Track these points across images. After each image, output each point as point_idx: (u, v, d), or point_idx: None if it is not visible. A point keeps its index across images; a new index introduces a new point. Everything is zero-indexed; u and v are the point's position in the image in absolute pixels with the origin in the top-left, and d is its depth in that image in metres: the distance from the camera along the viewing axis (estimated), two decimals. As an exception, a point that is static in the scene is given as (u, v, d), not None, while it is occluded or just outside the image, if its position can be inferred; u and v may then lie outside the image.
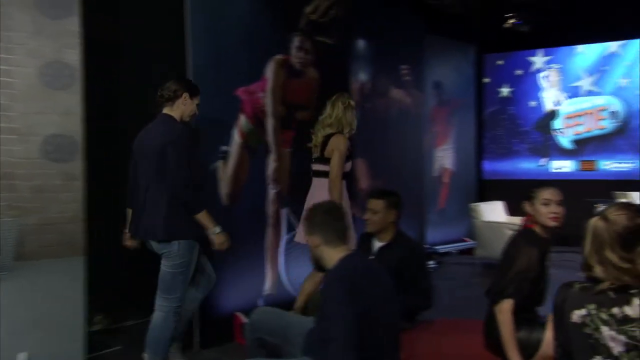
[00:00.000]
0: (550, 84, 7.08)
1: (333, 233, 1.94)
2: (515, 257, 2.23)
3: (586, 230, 1.54)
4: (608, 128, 6.86)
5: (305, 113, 3.98)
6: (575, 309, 1.50)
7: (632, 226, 1.50)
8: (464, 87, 6.91)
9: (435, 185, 6.43)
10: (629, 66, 6.75)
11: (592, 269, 1.53)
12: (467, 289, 4.92)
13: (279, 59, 3.80)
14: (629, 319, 1.42)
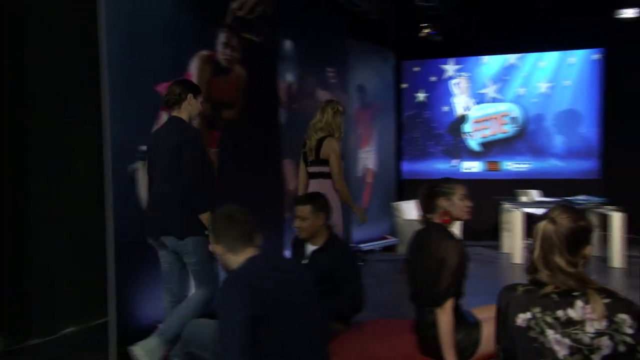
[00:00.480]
0: (460, 90, 7.36)
1: (235, 239, 1.76)
2: (444, 256, 2.13)
3: (534, 233, 1.46)
4: (510, 132, 7.26)
5: (232, 112, 3.71)
6: (520, 313, 1.43)
7: (576, 228, 1.43)
8: (385, 91, 6.97)
9: (359, 185, 6.40)
10: (526, 77, 7.19)
11: (538, 272, 1.45)
12: (392, 285, 4.91)
13: (204, 55, 3.49)
14: (572, 321, 1.36)
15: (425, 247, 2.22)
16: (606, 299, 1.37)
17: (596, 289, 1.39)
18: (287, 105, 4.58)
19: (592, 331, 1.34)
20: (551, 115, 7.13)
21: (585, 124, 7.05)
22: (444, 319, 2.08)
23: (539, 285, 1.44)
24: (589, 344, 1.34)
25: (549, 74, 7.12)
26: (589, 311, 1.35)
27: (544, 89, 7.13)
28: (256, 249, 1.79)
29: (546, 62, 7.13)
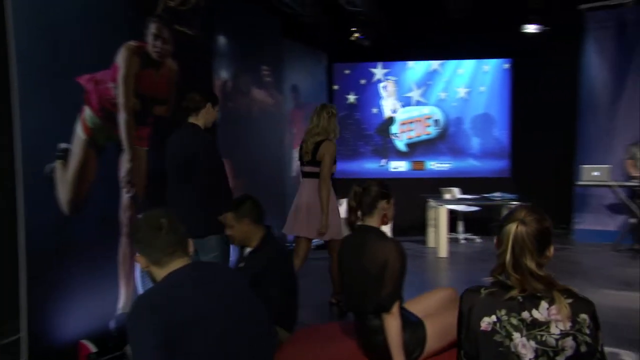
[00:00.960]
0: (388, 93, 7.44)
1: (160, 250, 1.47)
2: (386, 258, 2.00)
3: (505, 236, 1.37)
4: (432, 134, 7.45)
5: (163, 107, 3.37)
6: (485, 316, 1.35)
7: (543, 229, 1.37)
8: (318, 92, 6.83)
9: (294, 185, 6.22)
10: (447, 82, 7.43)
11: (506, 275, 1.36)
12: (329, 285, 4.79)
13: (132, 46, 3.11)
14: (537, 322, 1.31)
15: (365, 251, 2.06)
16: (569, 299, 1.32)
17: (560, 290, 1.33)
18: (222, 103, 4.31)
19: (557, 332, 1.29)
20: (469, 119, 7.43)
21: (498, 127, 7.43)
22: (393, 324, 1.95)
23: (503, 288, 1.36)
24: (554, 345, 1.29)
25: (467, 80, 7.40)
26: (554, 312, 1.30)
27: (463, 94, 7.41)
28: (185, 260, 1.50)
29: (464, 69, 7.41)
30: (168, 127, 3.14)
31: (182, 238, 1.51)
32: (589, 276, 4.80)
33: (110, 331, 2.79)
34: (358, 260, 2.07)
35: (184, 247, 1.52)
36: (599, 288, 4.32)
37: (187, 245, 1.54)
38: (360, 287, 2.06)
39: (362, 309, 2.06)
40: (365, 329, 2.06)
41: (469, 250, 6.22)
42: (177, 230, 1.51)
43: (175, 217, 1.55)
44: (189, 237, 1.55)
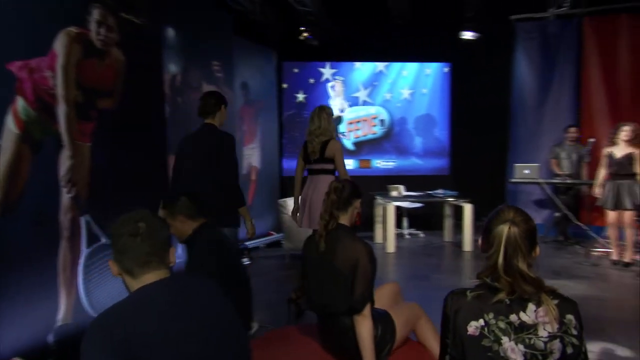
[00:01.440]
0: (336, 93, 7.38)
1: (134, 260, 1.25)
2: (357, 257, 1.91)
3: (496, 237, 1.28)
4: (378, 133, 7.51)
5: (108, 100, 3.04)
6: (472, 320, 1.26)
7: (531, 229, 1.30)
8: (268, 90, 6.62)
9: (245, 182, 5.99)
10: (392, 83, 7.51)
11: (493, 277, 1.28)
12: (282, 283, 4.64)
13: (73, 32, 2.76)
14: (525, 326, 1.24)
15: (337, 249, 1.95)
16: (555, 300, 1.26)
17: (547, 291, 1.27)
18: (172, 98, 3.99)
19: (545, 335, 1.23)
20: (412, 119, 7.56)
21: (439, 127, 7.62)
22: (365, 325, 1.86)
23: (490, 290, 1.27)
24: (543, 348, 1.23)
25: (410, 82, 7.52)
26: (542, 314, 1.24)
27: (406, 95, 7.53)
28: (161, 273, 1.27)
29: (408, 72, 7.52)
30: (114, 122, 2.83)
31: (161, 247, 1.28)
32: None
33: (49, 345, 2.45)
34: (330, 259, 1.95)
35: (161, 258, 1.28)
36: (536, 278, 4.52)
37: (166, 255, 1.29)
38: (332, 286, 1.94)
39: (332, 309, 1.94)
40: (335, 329, 1.95)
41: (414, 245, 6.32)
42: (157, 237, 1.27)
43: (158, 221, 1.32)
44: (169, 246, 1.32)
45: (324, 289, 1.97)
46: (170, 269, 1.32)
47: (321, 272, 1.99)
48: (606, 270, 4.85)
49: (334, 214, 2.00)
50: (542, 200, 6.79)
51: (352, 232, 2.04)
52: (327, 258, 1.96)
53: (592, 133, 6.30)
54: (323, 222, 1.99)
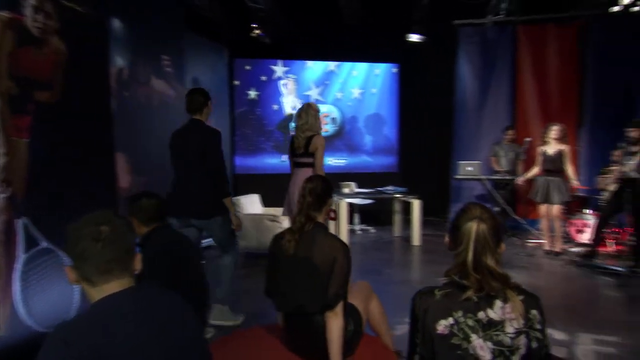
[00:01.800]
0: (288, 91, 7.28)
1: (94, 266, 1.11)
2: (335, 256, 1.84)
3: (465, 235, 1.27)
4: (330, 131, 7.51)
5: (47, 93, 2.76)
6: (441, 319, 1.25)
7: (498, 225, 1.30)
8: (219, 86, 6.38)
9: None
10: (343, 82, 7.53)
11: (461, 275, 1.26)
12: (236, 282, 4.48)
13: (5, 18, 2.48)
14: (493, 322, 1.23)
15: (315, 248, 1.87)
16: (520, 295, 1.26)
17: (512, 287, 1.27)
18: (118, 92, 3.72)
19: (512, 331, 1.23)
20: (362, 118, 7.62)
21: (388, 126, 7.74)
22: (337, 322, 1.80)
23: (459, 288, 1.27)
24: (510, 344, 1.22)
25: (361, 82, 7.58)
26: (508, 310, 1.23)
27: (357, 94, 7.58)
28: (124, 282, 1.14)
29: (358, 72, 7.58)
30: (55, 116, 2.58)
31: (125, 253, 1.15)
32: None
33: (-19, 361, 2.20)
34: (307, 258, 1.86)
35: (125, 265, 1.15)
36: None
37: (130, 262, 1.16)
38: (308, 285, 1.85)
39: (308, 308, 1.85)
40: (309, 329, 1.86)
41: (365, 240, 6.38)
42: (121, 242, 1.14)
43: (124, 224, 1.17)
44: (134, 253, 1.18)
45: (300, 288, 1.87)
46: (135, 277, 1.19)
47: (296, 271, 1.88)
48: (540, 259, 5.13)
49: (310, 216, 1.92)
50: (483, 196, 7.09)
51: (327, 230, 1.97)
52: (304, 257, 1.86)
53: (527, 133, 6.66)
54: (298, 225, 1.90)
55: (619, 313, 3.55)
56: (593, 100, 6.68)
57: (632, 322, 3.28)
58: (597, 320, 3.29)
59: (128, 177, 3.81)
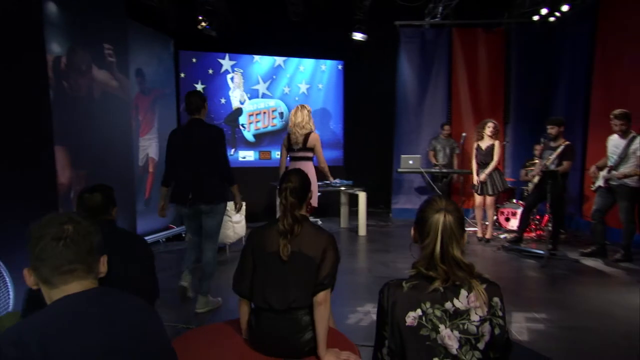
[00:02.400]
0: (235, 85, 7.11)
1: (55, 267, 1.03)
2: (326, 249, 1.79)
3: (432, 227, 1.26)
4: (278, 125, 7.44)
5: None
6: (410, 311, 1.23)
7: (462, 217, 1.31)
8: (165, 78, 6.06)
9: (142, 175, 5.46)
10: (290, 78, 7.48)
11: (428, 266, 1.25)
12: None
13: None
14: (459, 312, 1.23)
15: (304, 242, 1.79)
16: (483, 284, 1.26)
17: (476, 276, 1.27)
18: (56, 82, 3.42)
19: (477, 319, 1.22)
20: (309, 113, 7.63)
21: (334, 121, 7.81)
22: (325, 310, 1.74)
23: (426, 279, 1.25)
24: (475, 332, 1.22)
25: (307, 77, 7.57)
26: (473, 299, 1.23)
27: (304, 89, 7.56)
28: (87, 283, 1.06)
29: (305, 67, 7.55)
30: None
31: (88, 254, 1.06)
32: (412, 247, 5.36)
33: None
34: (298, 253, 1.77)
35: (89, 266, 1.06)
36: (422, 256, 4.89)
37: (95, 263, 1.08)
38: (298, 281, 1.77)
39: (297, 304, 1.76)
40: (289, 324, 1.76)
41: (313, 232, 6.41)
42: (84, 243, 1.05)
43: (90, 225, 1.07)
44: (100, 254, 1.10)
45: (289, 283, 1.77)
46: (100, 280, 1.10)
47: (288, 269, 1.78)
48: (474, 246, 5.45)
49: (296, 216, 1.80)
50: (423, 187, 7.40)
51: (311, 223, 1.87)
52: (294, 255, 1.77)
53: (461, 129, 7.03)
54: (288, 227, 1.77)
55: (543, 291, 3.87)
56: (516, 99, 7.19)
57: (555, 299, 3.59)
58: (526, 299, 3.56)
59: (68, 172, 3.53)
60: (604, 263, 4.53)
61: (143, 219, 5.18)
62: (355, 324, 3.03)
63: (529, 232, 5.68)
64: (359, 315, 3.16)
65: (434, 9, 7.09)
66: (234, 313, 2.13)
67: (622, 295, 3.61)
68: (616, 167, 4.41)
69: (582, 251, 4.81)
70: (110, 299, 1.09)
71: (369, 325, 3.00)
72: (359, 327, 2.96)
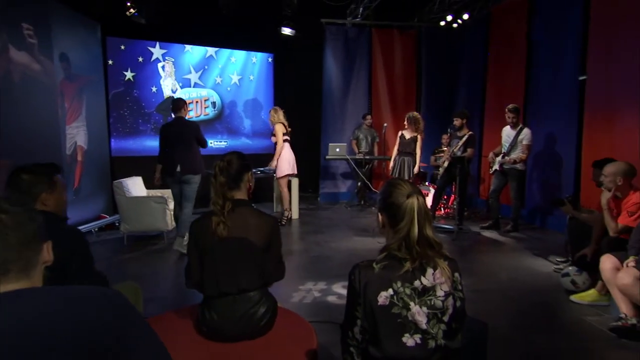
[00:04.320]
0: (167, 73, 6.65)
1: None
2: (272, 232, 1.76)
3: (406, 211, 1.22)
4: (210, 114, 7.16)
5: None
6: (382, 291, 1.20)
7: (424, 197, 1.30)
8: (91, 65, 5.48)
9: (71, 164, 4.92)
10: (222, 68, 7.20)
11: (407, 248, 1.21)
12: (124, 267, 4.06)
13: None
14: (426, 289, 1.21)
15: (249, 226, 1.70)
16: (445, 261, 1.26)
17: (441, 255, 1.27)
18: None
19: (442, 295, 1.22)
20: (241, 103, 7.43)
21: (264, 111, 7.70)
22: None
23: (396, 260, 1.23)
24: (441, 307, 1.22)
25: (239, 69, 7.35)
26: (438, 276, 1.23)
27: (236, 80, 7.34)
28: (24, 283, 0.84)
29: (236, 59, 7.32)
30: None
31: (27, 245, 0.85)
32: (341, 228, 5.54)
33: None
34: (243, 237, 1.69)
35: (24, 264, 0.84)
36: (352, 236, 5.07)
37: (33, 256, 0.86)
38: (247, 264, 1.70)
39: (247, 286, 1.69)
40: (246, 302, 1.69)
41: (249, 216, 6.33)
42: (23, 233, 0.84)
43: (30, 211, 0.87)
44: (38, 243, 0.88)
45: (238, 269, 1.69)
46: (44, 275, 0.90)
47: (234, 253, 1.70)
48: (394, 223, 5.78)
49: (227, 196, 1.72)
50: (347, 173, 7.65)
51: (252, 207, 1.79)
52: (239, 238, 1.69)
53: (381, 119, 7.36)
54: (218, 207, 1.70)
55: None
56: (426, 94, 7.70)
57: (466, 267, 3.96)
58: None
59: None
60: (499, 234, 5.10)
61: (73, 209, 4.71)
62: (300, 302, 3.09)
63: (439, 211, 6.17)
64: (302, 294, 3.23)
65: (355, 9, 7.26)
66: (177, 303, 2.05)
67: (514, 260, 4.12)
68: (508, 153, 4.97)
69: (482, 225, 5.36)
70: (36, 302, 0.79)
71: (312, 302, 3.08)
72: (304, 305, 3.03)
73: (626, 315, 2.55)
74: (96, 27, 5.58)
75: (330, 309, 2.94)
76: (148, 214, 4.54)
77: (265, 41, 7.33)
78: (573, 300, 3.05)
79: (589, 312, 2.91)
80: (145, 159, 6.42)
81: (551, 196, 5.11)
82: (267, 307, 1.74)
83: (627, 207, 2.93)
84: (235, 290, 1.69)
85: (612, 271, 2.65)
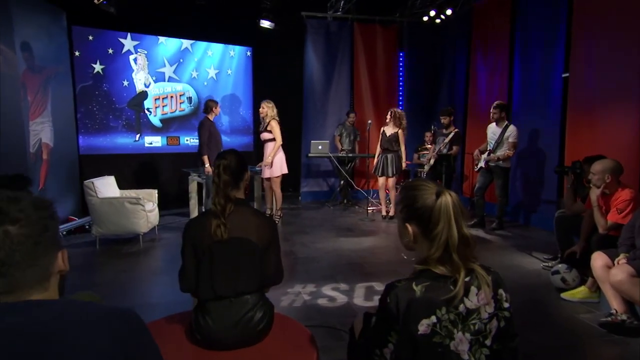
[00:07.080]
0: (139, 66, 6.41)
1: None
2: (271, 234, 1.71)
3: (441, 211, 1.08)
4: (186, 110, 6.96)
5: None
6: (424, 319, 1.05)
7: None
8: (56, 55, 5.18)
9: (35, 162, 4.65)
10: (198, 62, 7.01)
11: (447, 258, 1.07)
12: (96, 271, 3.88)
13: None
14: (470, 312, 1.08)
15: (249, 228, 1.65)
16: (488, 275, 1.12)
17: (477, 264, 1.12)
18: None
19: (486, 317, 1.10)
20: (219, 98, 7.23)
21: (243, 107, 7.56)
22: None
23: (436, 279, 1.07)
24: (484, 330, 1.09)
25: (216, 62, 7.17)
26: (482, 297, 1.09)
27: (213, 74, 7.16)
28: (40, 294, 0.80)
29: (213, 52, 7.14)
30: None
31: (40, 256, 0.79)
32: (325, 228, 5.48)
33: None
34: (243, 238, 1.63)
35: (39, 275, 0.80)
36: (338, 236, 5.02)
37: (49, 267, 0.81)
38: (247, 265, 1.64)
39: (245, 289, 1.63)
40: (242, 306, 1.64)
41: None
42: (35, 243, 0.78)
43: (45, 219, 0.79)
44: (58, 249, 0.84)
45: (237, 270, 1.63)
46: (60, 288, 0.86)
47: (234, 254, 1.64)
48: (379, 223, 5.78)
49: (229, 196, 1.65)
50: (329, 171, 7.60)
51: (251, 207, 1.75)
52: (240, 239, 1.63)
53: (363, 116, 7.35)
54: (220, 207, 1.63)
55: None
56: (408, 91, 7.75)
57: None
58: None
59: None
60: (484, 232, 5.18)
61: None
62: (290, 305, 3.02)
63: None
64: (291, 297, 3.16)
65: (337, 3, 7.21)
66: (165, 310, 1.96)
67: (502, 258, 4.18)
68: (494, 150, 5.04)
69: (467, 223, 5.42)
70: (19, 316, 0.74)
71: (302, 305, 3.02)
72: (294, 309, 2.96)
73: (617, 311, 2.62)
74: (61, 14, 5.29)
75: (322, 313, 2.89)
76: (122, 215, 4.35)
77: (243, 34, 7.18)
78: (564, 298, 3.11)
79: (580, 309, 2.97)
80: (117, 157, 6.18)
81: (535, 194, 5.22)
82: (264, 312, 1.68)
83: (616, 204, 3.01)
84: (232, 293, 1.63)
85: (604, 268, 2.71)
